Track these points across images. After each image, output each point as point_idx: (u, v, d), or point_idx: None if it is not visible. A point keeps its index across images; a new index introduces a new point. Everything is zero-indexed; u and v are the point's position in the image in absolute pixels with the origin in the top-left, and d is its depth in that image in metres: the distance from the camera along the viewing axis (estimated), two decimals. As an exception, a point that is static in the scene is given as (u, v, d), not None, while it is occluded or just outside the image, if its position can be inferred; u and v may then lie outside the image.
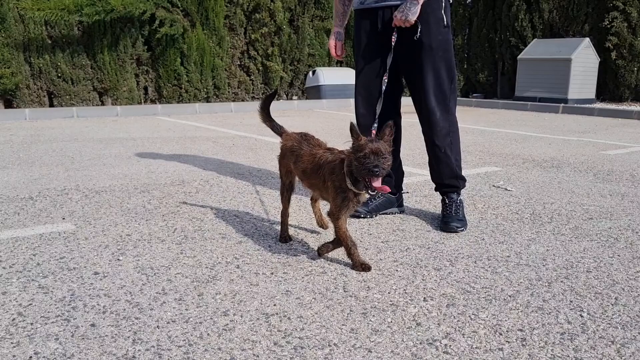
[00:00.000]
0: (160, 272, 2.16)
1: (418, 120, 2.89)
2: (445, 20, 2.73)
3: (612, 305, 1.91)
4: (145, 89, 9.99)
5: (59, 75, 9.07)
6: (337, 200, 2.18)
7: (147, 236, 2.61)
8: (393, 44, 2.69)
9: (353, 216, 2.92)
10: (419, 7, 2.61)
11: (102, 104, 9.51)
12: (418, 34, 2.67)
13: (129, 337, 1.65)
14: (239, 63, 10.78)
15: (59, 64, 9.01)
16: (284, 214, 2.56)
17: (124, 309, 1.83)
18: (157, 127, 7.25)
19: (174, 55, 9.75)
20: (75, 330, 1.69)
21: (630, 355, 1.58)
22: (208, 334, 1.67)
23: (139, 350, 1.57)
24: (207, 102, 10.24)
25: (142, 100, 9.93)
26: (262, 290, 2.00)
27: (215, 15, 10.02)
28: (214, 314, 1.80)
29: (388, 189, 2.11)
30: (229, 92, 10.62)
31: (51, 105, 9.22)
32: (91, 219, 2.88)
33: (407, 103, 3.04)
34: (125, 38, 9.36)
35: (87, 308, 1.84)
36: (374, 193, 2.12)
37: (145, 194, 3.44)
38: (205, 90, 10.21)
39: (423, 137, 2.91)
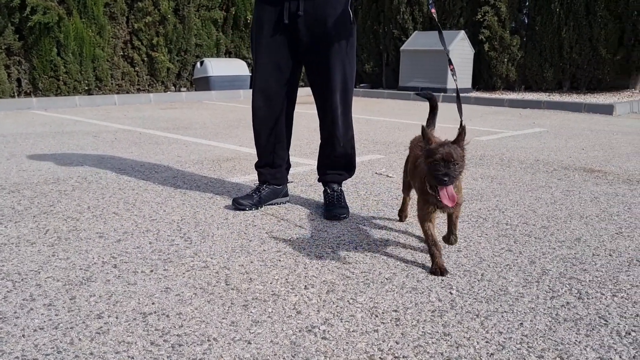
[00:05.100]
0: (29, 277, 2.02)
1: (304, 111, 2.92)
2: (351, 16, 2.75)
3: (479, 281, 2.05)
4: (19, 81, 9.26)
5: None
6: (419, 202, 2.20)
7: (15, 239, 2.44)
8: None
9: (237, 209, 2.91)
10: None
11: (-32, 97, 8.73)
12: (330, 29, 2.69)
13: (-11, 349, 1.53)
14: (122, 53, 10.30)
15: None
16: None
17: (-15, 320, 1.70)
18: (32, 122, 6.77)
19: (49, 44, 9.12)
20: None
21: (493, 327, 1.70)
22: (79, 339, 1.59)
23: (0, 362, 1.47)
24: (89, 94, 9.70)
25: (15, 94, 9.22)
26: (140, 289, 1.94)
27: (94, 3, 9.48)
28: (86, 318, 1.72)
29: (455, 201, 2.00)
30: (112, 83, 10.12)
31: None
32: (-50, 224, 2.65)
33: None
34: (-9, 26, 8.62)
35: (-59, 321, 1.69)
36: (441, 206, 2.04)
37: (15, 194, 3.20)
38: (86, 82, 9.66)
39: (320, 130, 2.95)
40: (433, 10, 2.57)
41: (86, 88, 9.71)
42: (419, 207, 2.19)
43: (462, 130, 2.02)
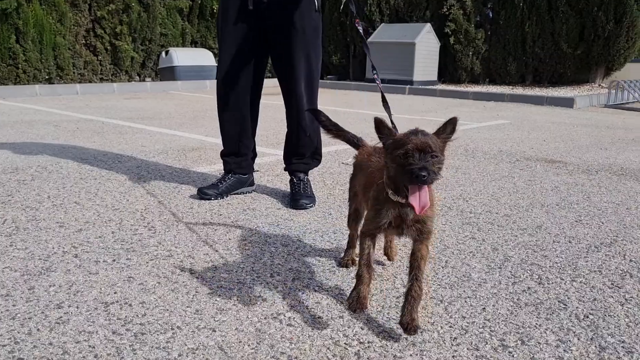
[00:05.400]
0: (-15, 268, 1.96)
1: (272, 102, 2.90)
2: (317, 4, 2.73)
3: (443, 268, 2.08)
4: (-26, 69, 8.97)
5: None
6: (369, 213, 1.69)
7: (-30, 230, 2.36)
8: None
9: (202, 198, 2.87)
10: None
11: None
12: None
13: (-58, 340, 1.48)
14: (84, 42, 10.05)
15: None
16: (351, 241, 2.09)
17: (-62, 311, 1.64)
18: (-11, 111, 6.56)
19: (7, 31, 8.84)
20: None
21: (456, 312, 1.73)
22: (38, 329, 1.55)
23: (-46, 353, 1.42)
24: (50, 83, 9.44)
25: (-29, 82, 8.92)
26: (102, 279, 1.90)
27: (54, -11, 9.23)
28: (45, 308, 1.68)
29: (428, 205, 1.47)
30: (74, 72, 9.88)
31: None
32: None
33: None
34: (-55, 11, 8.30)
35: None
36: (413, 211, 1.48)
37: (-29, 184, 3.10)
38: (46, 70, 9.39)
39: (286, 119, 2.93)
40: (357, 21, 2.43)
41: (47, 77, 9.45)
42: (367, 219, 1.72)
43: (453, 121, 1.55)
